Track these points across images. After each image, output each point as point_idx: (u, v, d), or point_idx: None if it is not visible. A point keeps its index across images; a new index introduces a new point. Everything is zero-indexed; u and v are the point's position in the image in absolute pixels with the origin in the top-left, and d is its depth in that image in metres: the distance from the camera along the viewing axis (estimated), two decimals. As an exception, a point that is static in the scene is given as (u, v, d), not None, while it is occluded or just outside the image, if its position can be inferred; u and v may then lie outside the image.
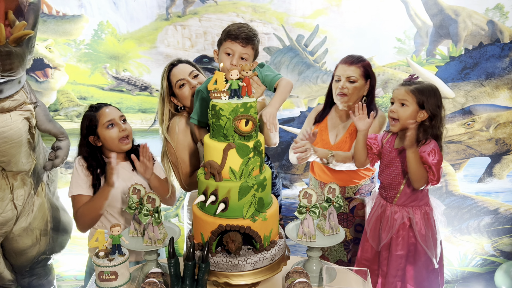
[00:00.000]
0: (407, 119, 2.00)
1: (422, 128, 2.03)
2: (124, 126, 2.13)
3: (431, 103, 2.00)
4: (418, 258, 2.12)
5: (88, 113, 2.13)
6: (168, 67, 2.26)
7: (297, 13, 3.06)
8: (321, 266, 1.80)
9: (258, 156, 1.56)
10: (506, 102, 3.14)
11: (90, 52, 3.11)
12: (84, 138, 2.11)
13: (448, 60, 3.11)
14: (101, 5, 3.03)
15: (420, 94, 1.99)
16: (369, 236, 2.21)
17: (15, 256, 2.66)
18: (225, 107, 1.49)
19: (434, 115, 2.01)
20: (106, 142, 2.10)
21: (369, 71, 2.32)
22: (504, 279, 3.17)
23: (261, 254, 1.59)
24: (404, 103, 2.02)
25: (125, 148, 2.14)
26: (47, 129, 2.68)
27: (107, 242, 1.67)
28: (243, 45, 1.92)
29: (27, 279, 2.77)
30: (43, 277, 2.82)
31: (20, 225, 2.58)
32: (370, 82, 2.33)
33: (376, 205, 2.23)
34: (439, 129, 2.05)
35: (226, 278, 1.55)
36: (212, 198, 1.53)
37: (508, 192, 3.31)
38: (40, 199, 2.68)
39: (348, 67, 2.28)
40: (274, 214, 1.63)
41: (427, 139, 2.02)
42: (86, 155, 2.10)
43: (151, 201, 1.72)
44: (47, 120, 2.68)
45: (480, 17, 3.04)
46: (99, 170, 2.09)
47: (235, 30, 1.92)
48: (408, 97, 2.01)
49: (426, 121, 2.02)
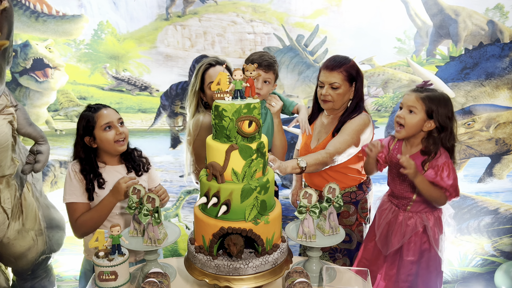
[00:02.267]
0: (414, 127, 1.94)
1: (432, 140, 1.96)
2: (122, 129, 2.08)
3: (440, 113, 1.92)
4: (432, 264, 2.09)
5: (86, 113, 2.07)
6: (205, 66, 2.32)
7: (297, 13, 3.06)
8: (321, 266, 1.80)
9: (261, 158, 1.54)
10: (506, 102, 3.14)
11: (90, 52, 3.10)
12: (80, 138, 2.06)
13: (448, 60, 3.11)
14: (101, 5, 3.02)
15: (430, 102, 1.92)
16: (378, 240, 2.16)
17: (15, 261, 2.64)
18: (228, 107, 1.47)
19: (443, 127, 1.93)
20: (102, 143, 2.05)
21: (353, 73, 2.19)
22: (504, 279, 3.17)
23: (263, 258, 1.56)
24: (413, 110, 1.95)
25: (121, 150, 2.09)
26: (27, 133, 2.62)
27: (107, 242, 1.66)
28: (266, 71, 2.21)
29: (29, 282, 2.75)
30: (45, 278, 2.81)
31: (14, 229, 2.55)
32: (355, 85, 2.22)
33: (388, 209, 2.17)
34: (449, 142, 1.96)
35: (227, 282, 1.53)
36: (214, 200, 1.52)
37: (508, 192, 3.31)
38: (28, 200, 2.65)
39: (330, 73, 2.17)
40: (277, 217, 1.61)
41: (437, 152, 1.95)
42: (82, 156, 2.06)
43: (151, 201, 1.71)
44: (27, 123, 2.61)
45: (480, 17, 3.04)
46: (92, 175, 2.05)
47: (257, 58, 2.19)
48: (418, 104, 1.94)
49: (434, 132, 1.96)
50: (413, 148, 2.04)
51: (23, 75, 3.12)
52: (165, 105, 3.25)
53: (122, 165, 2.16)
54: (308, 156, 2.05)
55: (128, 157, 2.16)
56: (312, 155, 2.08)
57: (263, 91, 2.25)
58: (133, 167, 2.16)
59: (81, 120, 2.07)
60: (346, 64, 2.18)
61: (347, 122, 2.21)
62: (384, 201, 2.24)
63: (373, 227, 2.26)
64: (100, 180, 2.05)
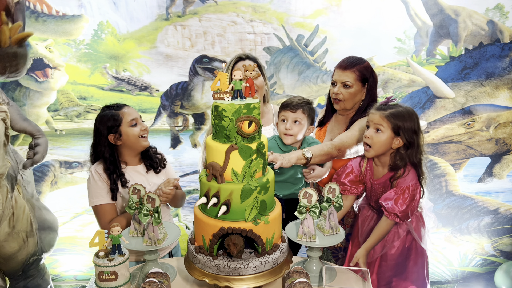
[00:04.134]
0: (382, 146, 1.93)
1: (399, 156, 1.95)
2: (145, 126, 2.16)
3: (407, 128, 1.90)
4: (420, 260, 2.09)
5: (109, 112, 2.10)
6: (236, 59, 2.38)
7: (297, 13, 3.06)
8: (321, 266, 1.80)
9: (261, 158, 1.54)
10: (506, 102, 3.14)
11: (90, 52, 3.10)
12: (105, 138, 2.08)
13: (448, 60, 3.11)
14: (101, 5, 3.02)
15: (395, 119, 1.90)
16: None
17: (4, 262, 2.62)
18: (228, 108, 1.47)
19: (410, 143, 1.92)
20: (128, 139, 2.09)
21: (366, 74, 2.20)
22: (504, 279, 3.17)
23: (263, 258, 1.56)
24: (379, 129, 1.93)
25: (145, 145, 2.15)
26: (22, 128, 2.60)
27: (107, 242, 1.66)
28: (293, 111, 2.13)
29: (21, 282, 2.74)
30: (38, 277, 2.80)
31: (4, 230, 2.52)
32: (368, 85, 2.23)
33: (370, 217, 2.17)
34: (416, 156, 1.95)
35: (227, 282, 1.53)
36: (214, 200, 1.52)
37: (508, 192, 3.31)
38: (19, 202, 2.63)
39: (343, 72, 2.19)
40: (276, 217, 1.61)
41: (405, 169, 1.94)
42: (107, 155, 2.08)
43: (151, 201, 1.71)
44: (21, 119, 2.59)
45: (480, 17, 3.04)
46: (115, 174, 2.08)
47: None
48: (383, 122, 1.92)
49: (401, 148, 1.94)
50: (385, 168, 2.03)
51: (23, 75, 3.12)
52: (165, 105, 3.25)
53: (141, 164, 2.21)
54: (314, 147, 2.07)
55: (145, 154, 2.21)
56: (317, 146, 2.09)
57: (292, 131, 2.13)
58: (151, 165, 2.20)
59: (105, 119, 2.08)
60: (359, 64, 2.19)
61: (357, 120, 2.23)
62: (365, 208, 2.22)
63: (356, 233, 2.23)
64: (123, 179, 2.08)
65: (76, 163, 3.32)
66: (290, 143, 2.10)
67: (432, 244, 3.39)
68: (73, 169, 3.33)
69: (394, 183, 1.97)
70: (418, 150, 1.94)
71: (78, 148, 3.29)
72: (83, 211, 3.38)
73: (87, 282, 3.24)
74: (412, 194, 1.92)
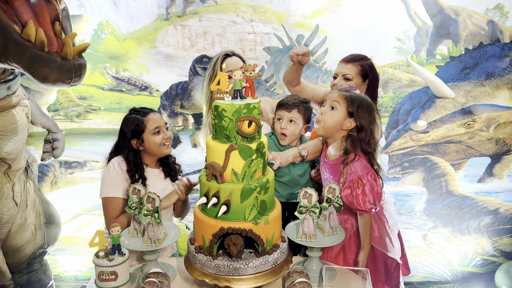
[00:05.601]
0: (332, 123, 1.89)
1: (350, 139, 1.91)
2: (168, 134, 2.16)
3: (361, 113, 1.87)
4: (377, 260, 2.05)
5: (135, 117, 2.11)
6: (222, 56, 2.37)
7: (297, 13, 3.06)
8: (321, 266, 1.80)
9: (261, 158, 1.54)
10: (506, 102, 3.14)
11: (90, 52, 3.10)
12: (128, 141, 2.11)
13: (448, 60, 3.11)
14: (101, 5, 3.02)
15: (352, 101, 1.88)
16: None
17: (12, 254, 2.65)
18: (228, 108, 1.47)
19: (362, 127, 1.88)
20: (150, 146, 2.11)
21: (368, 70, 2.23)
22: (504, 279, 3.17)
23: (263, 258, 1.56)
24: (334, 106, 1.90)
25: (166, 152, 2.17)
26: (41, 123, 2.68)
27: (107, 242, 1.67)
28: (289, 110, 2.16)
29: (25, 276, 2.76)
30: (41, 272, 2.82)
31: (17, 222, 2.57)
32: (368, 82, 2.25)
33: (344, 221, 2.08)
34: (369, 145, 1.90)
35: (227, 282, 1.53)
36: (214, 200, 1.52)
37: (508, 192, 3.31)
38: (31, 194, 2.68)
39: (345, 64, 2.24)
40: (277, 217, 1.61)
41: (356, 154, 1.88)
42: (131, 159, 2.11)
43: (151, 201, 1.71)
44: (40, 114, 2.68)
45: (480, 17, 3.05)
46: (137, 175, 2.11)
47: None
48: (340, 100, 1.89)
49: (353, 131, 1.91)
50: (338, 152, 1.98)
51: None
52: (165, 105, 3.25)
53: (159, 169, 2.24)
54: (308, 143, 2.12)
55: (164, 161, 2.24)
56: (311, 142, 2.13)
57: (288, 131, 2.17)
58: (168, 173, 2.24)
59: (129, 123, 2.11)
60: (362, 60, 2.24)
61: None
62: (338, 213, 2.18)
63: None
64: (144, 183, 2.10)
65: (76, 163, 3.32)
66: (285, 144, 2.16)
67: (432, 244, 3.40)
68: (73, 169, 3.33)
69: (344, 170, 1.91)
70: (371, 138, 1.90)
71: (78, 148, 3.29)
72: (83, 211, 3.38)
73: (87, 282, 3.24)
74: (369, 184, 1.85)
